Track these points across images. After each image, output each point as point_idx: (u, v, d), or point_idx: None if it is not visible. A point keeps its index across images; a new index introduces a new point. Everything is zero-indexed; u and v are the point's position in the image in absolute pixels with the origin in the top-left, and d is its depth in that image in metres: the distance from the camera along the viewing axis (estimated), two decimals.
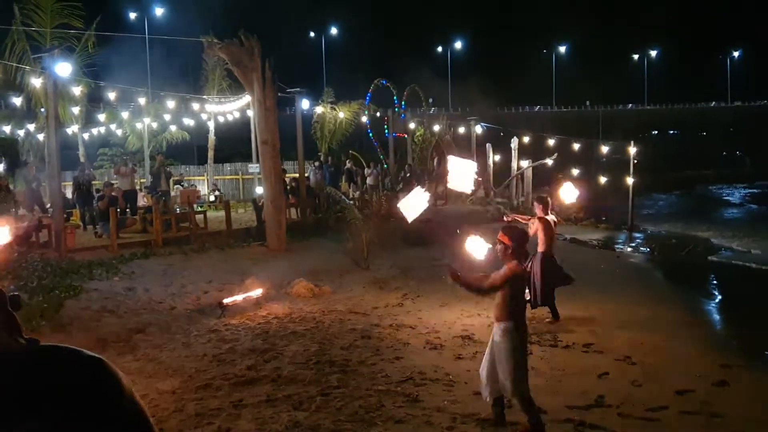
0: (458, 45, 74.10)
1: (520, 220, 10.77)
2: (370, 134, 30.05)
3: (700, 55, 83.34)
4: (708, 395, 6.87)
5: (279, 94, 16.82)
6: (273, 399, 6.71)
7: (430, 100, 41.88)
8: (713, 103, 78.45)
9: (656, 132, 73.18)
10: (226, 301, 10.75)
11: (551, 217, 10.31)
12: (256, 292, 11.34)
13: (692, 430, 5.98)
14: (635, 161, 25.61)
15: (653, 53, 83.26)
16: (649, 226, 25.85)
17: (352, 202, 17.81)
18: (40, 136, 24.88)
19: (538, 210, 10.34)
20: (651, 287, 13.52)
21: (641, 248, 19.46)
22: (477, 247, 6.65)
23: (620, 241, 21.45)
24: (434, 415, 6.25)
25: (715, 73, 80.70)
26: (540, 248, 10.14)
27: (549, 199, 10.71)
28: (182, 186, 24.10)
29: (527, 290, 10.22)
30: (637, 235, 23.27)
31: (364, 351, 8.48)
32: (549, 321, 9.98)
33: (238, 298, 10.99)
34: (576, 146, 29.61)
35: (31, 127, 25.81)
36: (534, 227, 10.14)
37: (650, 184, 39.49)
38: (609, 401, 6.63)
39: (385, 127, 29.11)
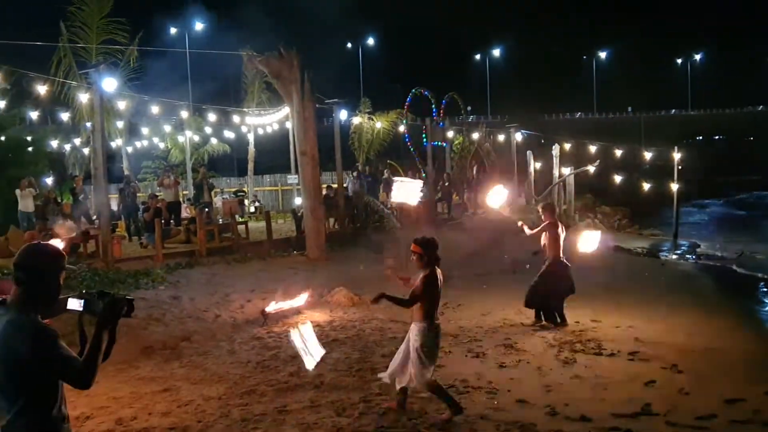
0: (497, 52, 73.76)
1: (526, 229, 10.63)
2: (407, 141, 30.08)
3: (745, 58, 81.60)
4: (760, 403, 6.72)
5: (317, 105, 16.97)
6: (316, 405, 6.76)
7: (468, 108, 41.84)
8: (761, 107, 76.55)
9: (701, 138, 71.85)
10: (268, 309, 10.85)
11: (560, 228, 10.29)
12: (298, 301, 11.43)
13: None
14: (680, 167, 25.23)
15: (697, 57, 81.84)
16: (695, 234, 25.41)
17: (390, 211, 17.85)
18: (86, 150, 25.47)
19: (545, 216, 10.34)
20: (698, 295, 13.29)
21: (687, 256, 19.13)
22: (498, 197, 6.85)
23: (665, 248, 21.12)
24: (478, 423, 6.22)
25: (762, 77, 78.98)
26: (550, 253, 10.11)
27: (554, 205, 10.73)
28: (236, 196, 24.61)
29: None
30: (683, 242, 22.90)
31: None
32: (539, 324, 10.03)
33: (281, 306, 11.09)
34: (618, 152, 29.26)
35: (77, 141, 26.44)
36: (542, 232, 10.21)
37: (696, 191, 38.86)
38: (656, 409, 6.52)
39: (423, 135, 29.11)
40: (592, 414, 6.36)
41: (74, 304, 3.12)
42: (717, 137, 75.07)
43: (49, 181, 22.84)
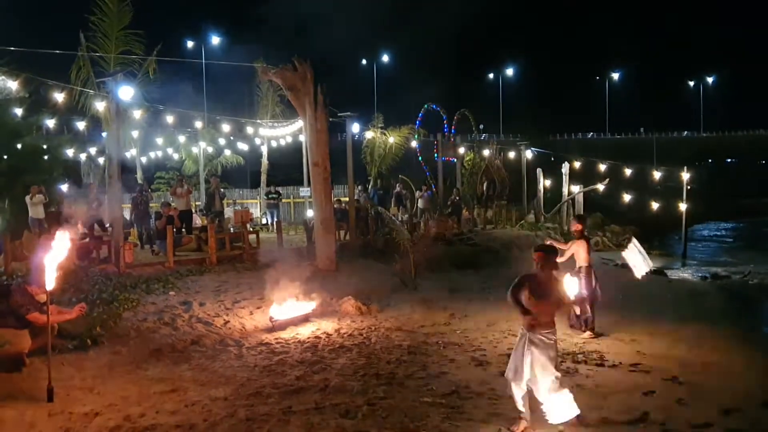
0: (510, 72, 74.02)
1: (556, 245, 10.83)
2: (420, 159, 30.30)
3: (758, 81, 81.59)
4: (756, 414, 6.81)
5: (330, 118, 17.19)
6: (321, 407, 6.90)
7: (481, 126, 42.03)
8: None
9: (711, 160, 71.68)
10: (276, 316, 11.02)
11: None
12: (306, 309, 11.60)
13: None
14: (689, 187, 25.28)
15: (710, 80, 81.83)
16: (704, 254, 25.40)
17: (401, 224, 17.99)
18: (101, 160, 25.79)
19: (577, 227, 10.60)
20: (702, 311, 13.37)
21: (694, 274, 19.16)
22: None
23: (673, 267, 21.13)
24: (480, 427, 6.35)
25: None
26: (585, 263, 10.32)
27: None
28: (267, 198, 25.03)
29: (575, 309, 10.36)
30: (691, 262, 22.91)
31: (410, 366, 8.62)
32: (591, 337, 10.08)
33: (289, 313, 11.26)
34: (628, 172, 29.33)
35: (92, 150, 26.80)
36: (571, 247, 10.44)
37: (705, 212, 38.79)
38: (654, 418, 6.63)
39: (435, 152, 29.33)
40: (589, 421, 6.48)
41: None
42: (729, 160, 74.85)
43: (65, 188, 23.12)
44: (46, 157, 22.28)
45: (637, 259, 9.56)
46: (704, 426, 6.44)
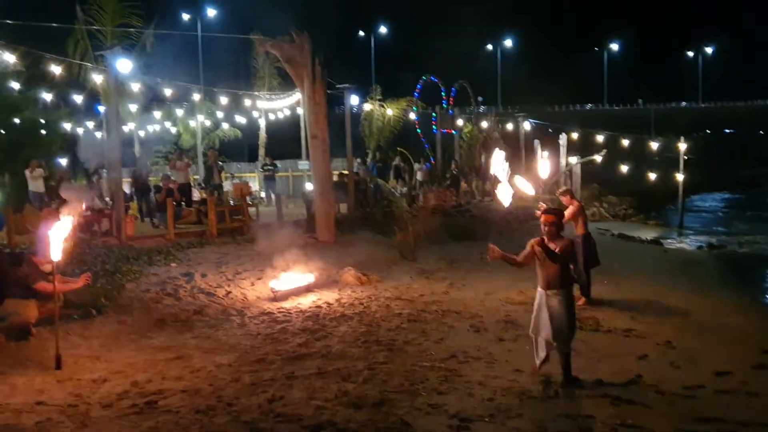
0: (508, 43, 73.53)
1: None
2: (417, 128, 30.32)
3: (756, 51, 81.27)
4: (747, 376, 7.01)
5: (328, 90, 17.22)
6: (323, 372, 7.09)
7: (480, 99, 41.98)
8: None
9: (709, 131, 71.56)
10: (277, 287, 11.18)
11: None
12: (307, 279, 11.76)
13: (727, 406, 6.13)
14: (685, 158, 25.36)
15: (708, 50, 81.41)
16: (701, 224, 25.59)
17: (400, 195, 18.12)
18: (98, 134, 25.84)
19: (568, 200, 10.71)
20: (697, 279, 13.54)
21: (690, 244, 19.32)
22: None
23: (669, 237, 21.28)
24: (476, 388, 6.55)
25: None
26: (580, 231, 10.48)
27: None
28: (263, 170, 24.80)
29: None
30: (688, 232, 23.06)
31: (409, 333, 8.81)
32: (584, 303, 10.18)
33: (290, 284, 11.42)
34: (625, 143, 29.40)
35: (90, 124, 26.82)
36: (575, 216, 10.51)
37: (703, 183, 38.90)
38: (647, 380, 6.83)
39: (434, 125, 29.36)
40: (585, 382, 6.68)
41: None
42: (728, 131, 74.71)
43: (63, 162, 23.18)
44: (44, 132, 22.32)
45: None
46: (697, 387, 6.63)
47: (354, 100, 21.15)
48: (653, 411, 6.00)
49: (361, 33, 65.69)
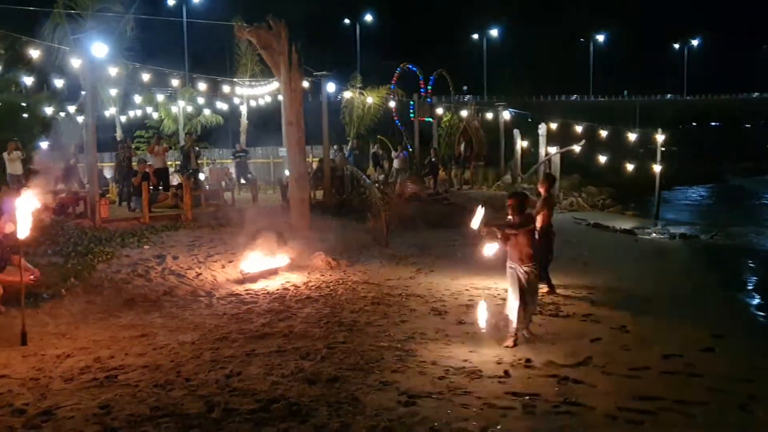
0: (494, 33, 73.58)
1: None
2: (395, 116, 30.39)
3: (742, 45, 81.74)
4: (693, 359, 7.24)
5: (307, 78, 17.30)
6: (282, 350, 7.28)
7: (464, 88, 42.03)
8: (756, 93, 76.66)
9: (695, 123, 72.07)
10: (247, 269, 11.35)
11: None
12: (278, 263, 11.92)
13: (669, 387, 6.34)
14: (669, 149, 25.62)
15: (694, 42, 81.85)
16: (677, 214, 25.93)
17: (375, 184, 18.25)
18: (80, 118, 25.79)
19: (543, 188, 10.78)
20: (664, 268, 13.81)
21: (662, 234, 19.59)
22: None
23: (644, 228, 21.54)
24: (428, 367, 6.74)
25: (758, 63, 79.20)
26: (544, 222, 10.35)
27: (554, 176, 11.15)
28: (234, 158, 24.62)
29: None
30: (663, 223, 23.34)
31: (372, 315, 9.01)
32: (547, 292, 10.34)
33: (259, 267, 11.58)
34: (604, 134, 29.62)
35: (71, 108, 26.74)
36: (543, 209, 10.51)
37: (685, 175, 39.26)
38: (596, 362, 7.05)
39: (411, 112, 29.45)
40: (535, 363, 6.90)
41: None
42: (713, 123, 75.23)
43: (44, 146, 23.16)
44: (24, 115, 22.30)
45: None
46: (643, 369, 6.85)
47: (331, 87, 21.22)
48: (597, 389, 6.22)
49: (347, 21, 65.49)
